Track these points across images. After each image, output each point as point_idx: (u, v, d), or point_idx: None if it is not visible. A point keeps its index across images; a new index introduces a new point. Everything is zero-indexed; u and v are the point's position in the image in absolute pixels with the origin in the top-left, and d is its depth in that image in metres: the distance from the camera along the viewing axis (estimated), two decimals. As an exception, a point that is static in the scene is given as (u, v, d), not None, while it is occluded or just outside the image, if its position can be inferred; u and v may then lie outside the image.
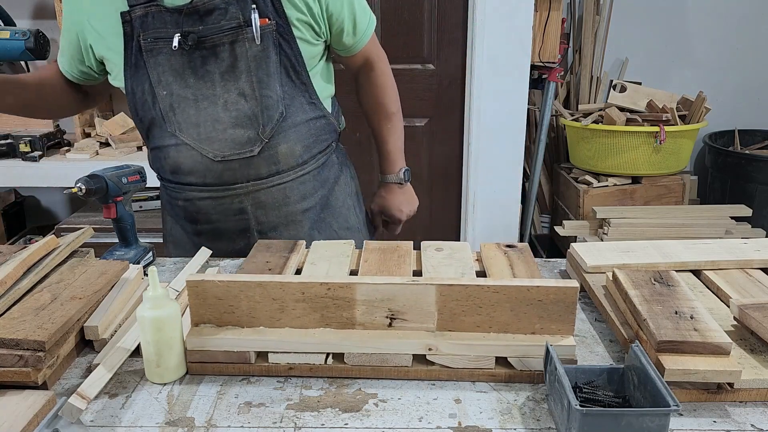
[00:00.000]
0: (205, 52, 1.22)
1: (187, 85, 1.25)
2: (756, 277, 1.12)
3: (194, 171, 1.31)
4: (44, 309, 0.95)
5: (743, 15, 3.26)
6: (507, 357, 0.90)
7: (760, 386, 0.84)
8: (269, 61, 1.24)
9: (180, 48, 1.21)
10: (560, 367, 0.79)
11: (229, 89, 1.25)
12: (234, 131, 1.27)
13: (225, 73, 1.24)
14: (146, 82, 1.25)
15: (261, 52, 1.23)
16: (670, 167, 2.95)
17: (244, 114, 1.26)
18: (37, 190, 3.14)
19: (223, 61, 1.23)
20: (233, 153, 1.28)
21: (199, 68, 1.24)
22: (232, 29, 1.21)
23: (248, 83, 1.24)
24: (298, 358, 0.91)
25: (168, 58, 1.23)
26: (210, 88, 1.25)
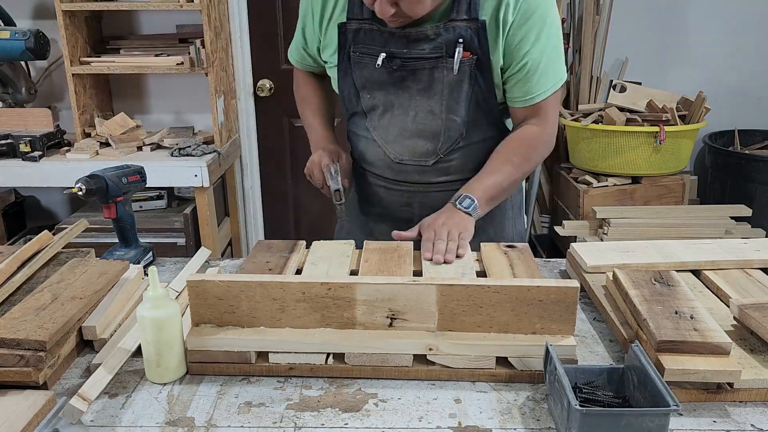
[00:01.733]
0: (405, 72, 1.31)
1: (386, 93, 1.35)
2: (756, 277, 1.12)
3: (375, 164, 1.45)
4: (45, 309, 0.95)
5: (743, 15, 3.26)
6: (507, 357, 0.90)
7: (760, 386, 0.84)
8: (461, 90, 1.30)
9: (383, 66, 1.30)
10: (560, 367, 0.79)
11: (421, 105, 1.33)
12: (416, 141, 1.37)
13: (421, 90, 1.32)
14: (352, 87, 1.38)
15: (455, 82, 1.29)
16: (670, 167, 2.95)
17: (429, 129, 1.35)
18: (37, 190, 3.13)
19: (421, 81, 1.31)
20: (411, 159, 1.40)
21: (399, 82, 1.32)
22: (434, 58, 1.28)
23: (438, 104, 1.32)
24: (299, 358, 0.91)
25: (371, 72, 1.33)
26: (406, 99, 1.34)
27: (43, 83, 2.99)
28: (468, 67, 1.28)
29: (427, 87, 1.31)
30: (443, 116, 1.33)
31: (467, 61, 1.27)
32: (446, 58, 1.27)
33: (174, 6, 2.55)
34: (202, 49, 2.62)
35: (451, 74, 1.28)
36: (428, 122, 1.35)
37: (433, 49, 1.27)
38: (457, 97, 1.31)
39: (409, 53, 1.29)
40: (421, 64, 1.29)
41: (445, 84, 1.30)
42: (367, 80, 1.35)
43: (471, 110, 1.33)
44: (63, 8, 2.53)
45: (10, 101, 2.75)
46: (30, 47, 2.56)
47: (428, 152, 1.38)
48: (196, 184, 2.55)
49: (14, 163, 2.52)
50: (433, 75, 1.30)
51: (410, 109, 1.35)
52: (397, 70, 1.31)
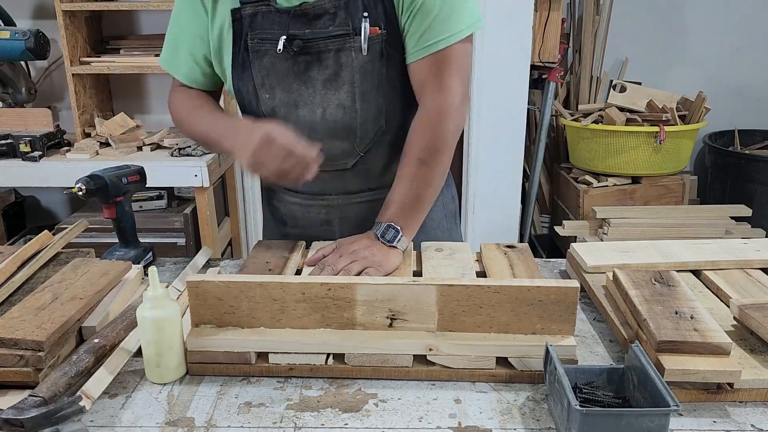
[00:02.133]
0: (309, 57, 1.16)
1: (290, 89, 1.19)
2: (756, 277, 1.12)
3: None
4: (44, 309, 0.95)
5: (743, 15, 3.26)
6: (507, 357, 0.90)
7: (760, 386, 0.84)
8: (374, 73, 1.16)
9: (284, 51, 1.15)
10: (560, 367, 0.79)
11: (329, 98, 1.18)
12: (330, 142, 1.20)
13: (327, 81, 1.17)
14: (250, 83, 1.21)
15: (367, 63, 1.15)
16: (670, 167, 2.95)
17: (342, 126, 1.20)
18: (37, 190, 3.14)
19: (327, 69, 1.16)
20: (326, 164, 1.16)
21: (302, 73, 1.17)
22: (339, 36, 1.14)
23: (349, 95, 1.18)
24: (299, 359, 0.91)
25: (272, 61, 1.18)
26: (311, 95, 1.19)
27: (43, 83, 2.99)
28: (378, 44, 1.14)
29: (334, 75, 1.16)
30: (357, 107, 1.18)
31: (376, 37, 1.13)
32: (353, 36, 1.13)
33: (174, 6, 2.55)
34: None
35: (361, 55, 1.14)
36: (340, 117, 1.19)
37: (338, 26, 1.13)
38: (371, 82, 1.16)
39: (312, 32, 1.14)
40: (326, 44, 1.14)
41: (355, 68, 1.15)
42: (267, 74, 1.18)
43: (388, 96, 1.19)
44: (63, 8, 2.53)
45: (10, 101, 2.75)
46: (30, 47, 2.56)
47: (345, 152, 1.22)
48: (196, 184, 2.55)
49: (14, 163, 2.52)
50: (340, 60, 1.15)
51: (316, 106, 1.18)
52: (300, 55, 1.15)
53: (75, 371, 0.86)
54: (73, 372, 0.85)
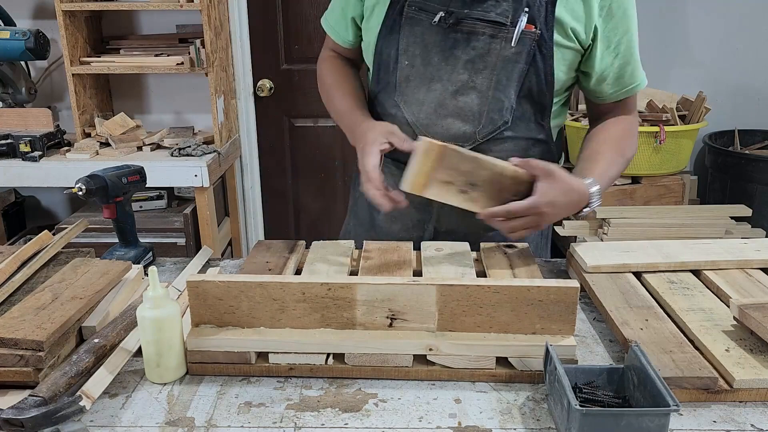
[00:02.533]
0: (459, 35, 1.20)
1: (430, 63, 1.22)
2: (756, 277, 1.12)
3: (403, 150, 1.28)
4: (44, 309, 0.95)
5: (743, 15, 3.25)
6: (507, 357, 0.90)
7: (760, 386, 0.84)
8: (516, 66, 1.19)
9: (438, 25, 1.20)
10: (560, 367, 0.79)
11: (465, 79, 1.21)
12: (453, 121, 1.23)
13: (469, 62, 1.20)
14: (394, 47, 1.24)
15: (512, 55, 1.19)
16: (670, 167, 2.95)
17: (470, 107, 1.22)
18: (37, 190, 3.14)
19: (473, 50, 1.20)
20: (442, 141, 1.20)
21: (447, 50, 1.21)
22: (495, 23, 1.18)
23: (486, 79, 1.21)
24: (299, 359, 0.91)
25: (423, 31, 1.21)
26: (449, 71, 1.22)
27: (43, 83, 2.99)
28: (529, 42, 1.18)
29: (477, 57, 1.19)
30: (489, 94, 1.21)
31: (530, 34, 1.17)
32: (508, 27, 1.17)
33: (174, 6, 2.55)
34: (202, 49, 2.62)
35: (509, 46, 1.18)
36: (470, 99, 1.22)
37: (499, 14, 1.17)
38: (509, 73, 1.20)
39: (471, 13, 1.18)
40: (481, 27, 1.18)
41: (499, 56, 1.19)
42: (412, 42, 1.22)
43: (521, 96, 1.22)
44: (63, 8, 2.53)
45: (10, 101, 2.75)
46: (30, 47, 2.56)
47: (465, 136, 1.24)
48: (196, 184, 2.55)
49: (14, 163, 2.52)
50: (489, 44, 1.19)
51: (451, 84, 1.22)
52: (451, 32, 1.19)
53: (75, 371, 0.86)
54: (73, 372, 0.85)
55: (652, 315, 1.00)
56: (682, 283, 1.11)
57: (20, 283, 1.04)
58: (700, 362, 0.87)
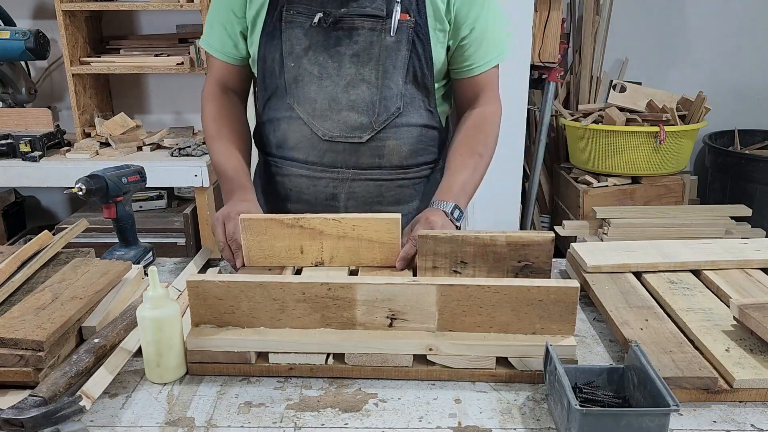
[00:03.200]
0: (340, 33, 1.24)
1: (316, 61, 1.26)
2: (756, 277, 1.12)
3: (299, 146, 1.33)
4: (44, 309, 0.95)
5: (743, 15, 3.26)
6: (507, 357, 0.90)
7: (760, 386, 0.84)
8: (399, 54, 1.25)
9: (318, 25, 1.24)
10: (560, 367, 0.79)
11: (353, 72, 1.26)
12: (348, 114, 1.28)
13: (354, 56, 1.25)
14: (278, 51, 1.28)
15: (393, 44, 1.24)
16: (670, 167, 2.95)
17: (362, 99, 1.27)
18: (37, 190, 3.14)
19: (356, 44, 1.25)
20: (342, 135, 1.29)
21: (331, 47, 1.25)
22: (373, 17, 1.23)
23: (374, 70, 1.26)
24: (299, 359, 0.91)
25: (304, 33, 1.25)
26: (336, 68, 1.26)
27: (43, 83, 2.99)
28: (406, 30, 1.24)
29: (361, 51, 1.25)
30: (379, 84, 1.26)
31: (405, 23, 1.23)
32: (385, 19, 1.23)
33: (174, 6, 2.55)
34: (202, 49, 2.62)
35: (389, 36, 1.23)
36: (362, 91, 1.27)
37: (373, 8, 1.23)
38: (394, 62, 1.25)
39: (348, 11, 1.23)
40: (360, 22, 1.23)
41: (381, 48, 1.25)
42: (295, 44, 1.26)
43: (408, 82, 1.28)
44: (63, 8, 2.54)
45: (10, 101, 2.75)
46: (30, 47, 2.56)
47: (362, 126, 1.28)
48: (196, 184, 2.55)
49: (14, 163, 2.52)
50: (369, 37, 1.24)
51: (341, 78, 1.27)
52: (332, 30, 1.24)
53: (75, 371, 0.86)
54: (73, 372, 0.85)
55: (652, 315, 1.00)
56: (682, 283, 1.11)
57: (20, 283, 1.03)
58: (700, 362, 0.87)
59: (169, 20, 2.89)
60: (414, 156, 1.34)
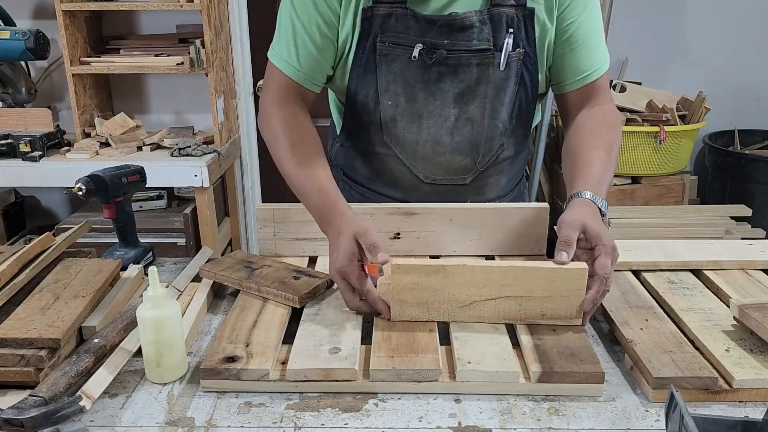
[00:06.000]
0: (443, 68, 1.12)
1: (415, 99, 1.15)
2: (756, 278, 1.12)
3: (397, 185, 1.24)
4: (49, 308, 0.95)
5: (743, 15, 3.25)
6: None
7: (760, 386, 0.84)
8: (507, 90, 1.15)
9: (420, 59, 1.11)
10: (689, 418, 0.66)
11: (458, 112, 1.16)
12: (452, 156, 1.20)
13: (459, 95, 1.15)
14: (372, 87, 1.15)
15: (503, 81, 1.14)
16: (670, 167, 2.95)
17: (468, 141, 1.19)
18: (37, 190, 3.14)
19: (461, 82, 1.13)
20: (445, 178, 1.21)
21: (431, 84, 1.14)
22: (481, 51, 1.11)
23: (480, 109, 1.16)
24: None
25: (402, 67, 1.13)
26: (439, 107, 1.15)
27: (43, 83, 2.99)
28: (516, 62, 1.13)
29: (467, 89, 1.14)
30: (485, 123, 1.16)
31: (515, 55, 1.12)
32: (494, 52, 1.11)
33: (174, 6, 2.55)
34: (202, 49, 2.62)
35: (498, 71, 1.12)
36: (467, 133, 1.17)
37: (481, 40, 1.10)
38: (501, 99, 1.15)
39: (453, 44, 1.10)
40: (467, 58, 1.11)
41: (489, 84, 1.13)
42: (393, 79, 1.14)
43: (514, 115, 1.19)
44: (63, 8, 2.54)
45: (10, 101, 2.75)
46: (30, 47, 2.56)
47: (466, 168, 1.21)
48: (196, 184, 2.55)
49: (14, 163, 2.52)
50: (477, 73, 1.12)
51: (444, 119, 1.16)
52: (434, 65, 1.11)
53: (75, 371, 0.86)
54: (73, 372, 0.85)
55: (652, 315, 1.00)
56: (682, 283, 1.11)
57: (23, 285, 1.03)
58: (700, 362, 0.87)
59: (169, 20, 2.89)
60: (510, 183, 1.31)
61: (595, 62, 1.17)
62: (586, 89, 1.19)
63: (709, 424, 0.71)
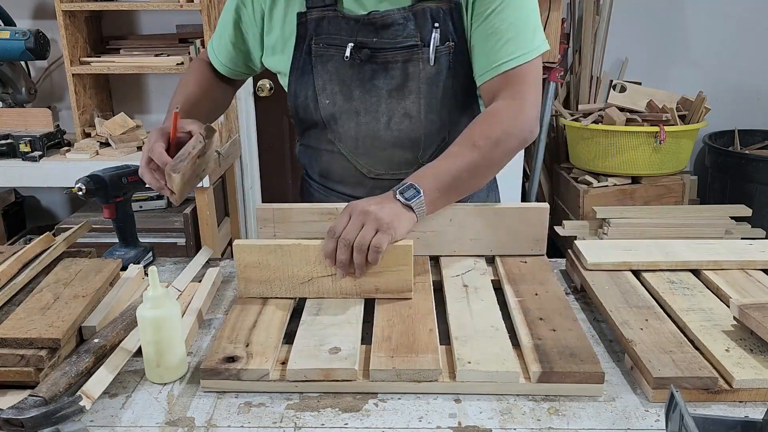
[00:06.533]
0: (375, 66, 1.16)
1: (351, 97, 1.18)
2: (756, 278, 1.12)
3: (345, 181, 1.28)
4: (49, 308, 0.95)
5: (743, 15, 3.26)
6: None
7: (760, 386, 0.84)
8: (441, 84, 1.16)
9: (351, 59, 1.15)
10: (689, 418, 0.66)
11: (394, 108, 1.18)
12: (393, 151, 1.22)
13: (393, 91, 1.17)
14: (310, 88, 1.20)
15: (434, 75, 1.15)
16: (669, 167, 2.95)
17: (406, 136, 1.20)
18: (37, 190, 3.13)
19: (393, 79, 1.16)
20: (387, 172, 1.24)
21: (366, 81, 1.17)
22: (408, 47, 1.14)
23: (415, 105, 1.17)
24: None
25: (337, 67, 1.17)
26: (374, 103, 1.18)
27: (43, 83, 2.98)
28: (446, 56, 1.14)
29: (400, 85, 1.16)
30: (422, 117, 1.18)
31: (444, 48, 1.14)
32: (421, 47, 1.13)
33: (174, 6, 2.55)
34: (202, 49, 2.61)
35: (428, 66, 1.14)
36: (405, 127, 1.19)
37: (407, 36, 1.13)
38: (435, 93, 1.16)
39: (380, 41, 1.14)
40: (393, 55, 1.14)
41: (421, 79, 1.15)
42: (329, 79, 1.18)
43: (452, 108, 1.19)
44: (63, 8, 2.53)
45: (10, 101, 2.75)
46: (30, 47, 2.56)
47: (408, 162, 1.22)
48: (196, 184, 2.55)
49: (14, 163, 2.52)
50: (407, 70, 1.15)
51: (381, 114, 1.18)
52: (366, 63, 1.15)
53: (75, 371, 0.86)
54: (73, 372, 0.85)
55: (652, 315, 1.00)
56: (682, 283, 1.11)
57: (23, 285, 1.03)
58: (700, 362, 0.87)
59: (169, 20, 2.89)
60: None
61: (509, 53, 1.11)
62: (495, 81, 1.14)
63: (709, 424, 0.71)
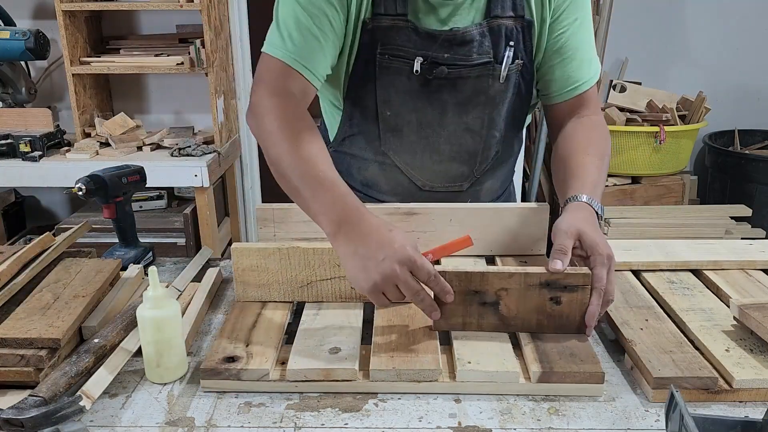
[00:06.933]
0: (443, 81, 1.12)
1: (414, 108, 1.15)
2: (756, 278, 1.12)
3: (395, 192, 1.25)
4: (50, 308, 0.95)
5: (743, 15, 3.26)
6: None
7: (760, 386, 0.84)
8: (505, 101, 1.16)
9: (420, 74, 1.11)
10: (689, 418, 0.66)
11: (457, 123, 1.16)
12: (450, 164, 1.21)
13: (458, 105, 1.15)
14: (371, 98, 1.15)
15: (501, 92, 1.15)
16: (669, 167, 2.95)
17: (465, 150, 1.20)
18: (37, 190, 3.14)
19: (460, 94, 1.14)
20: (442, 186, 1.23)
21: (432, 95, 1.14)
22: (481, 64, 1.12)
23: (479, 120, 1.17)
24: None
25: (402, 80, 1.12)
26: (437, 117, 1.16)
27: (43, 83, 2.99)
28: (515, 74, 1.14)
29: (466, 100, 1.14)
30: (483, 133, 1.18)
31: (514, 67, 1.13)
32: (494, 65, 1.11)
33: (174, 6, 2.56)
34: (202, 49, 2.62)
35: (497, 83, 1.13)
36: (465, 142, 1.18)
37: (481, 54, 1.11)
38: (500, 110, 1.16)
39: (452, 57, 1.10)
40: (467, 71, 1.11)
41: (488, 95, 1.14)
42: (393, 93, 1.13)
43: (509, 124, 1.20)
44: (63, 8, 2.54)
45: (10, 101, 2.75)
46: (30, 47, 2.56)
47: (463, 176, 1.23)
48: (196, 184, 2.55)
49: (14, 163, 2.52)
50: (475, 85, 1.13)
51: (442, 128, 1.17)
52: (434, 79, 1.11)
53: (75, 371, 0.86)
54: (73, 372, 0.85)
55: (652, 315, 1.00)
56: (682, 283, 1.11)
57: (23, 285, 1.03)
58: (700, 362, 0.87)
59: (169, 20, 2.89)
60: (503, 186, 1.33)
61: (585, 73, 1.17)
62: (575, 101, 1.18)
63: (709, 424, 0.70)
